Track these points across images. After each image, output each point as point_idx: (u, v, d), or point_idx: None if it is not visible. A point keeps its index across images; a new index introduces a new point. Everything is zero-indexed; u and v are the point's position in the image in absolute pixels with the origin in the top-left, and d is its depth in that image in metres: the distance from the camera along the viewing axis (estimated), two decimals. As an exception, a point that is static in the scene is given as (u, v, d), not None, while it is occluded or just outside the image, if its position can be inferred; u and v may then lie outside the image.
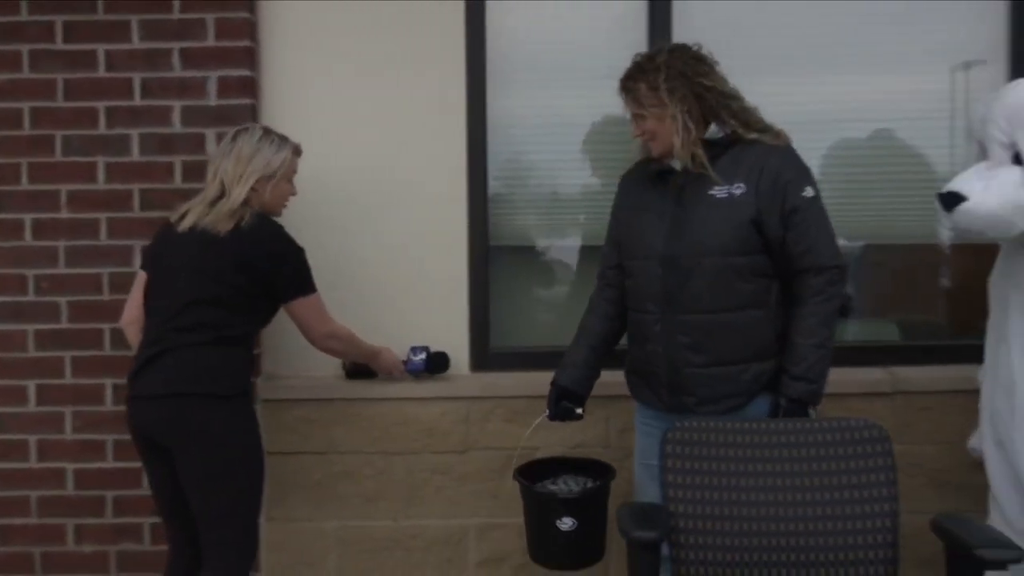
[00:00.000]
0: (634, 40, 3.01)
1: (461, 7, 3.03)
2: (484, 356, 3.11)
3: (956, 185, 2.38)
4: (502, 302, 3.17)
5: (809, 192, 2.35)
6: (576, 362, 2.58)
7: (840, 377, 2.99)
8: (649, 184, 2.48)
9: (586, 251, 3.18)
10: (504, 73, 3.09)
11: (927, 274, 3.30)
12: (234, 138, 2.58)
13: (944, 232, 2.45)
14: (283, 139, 2.62)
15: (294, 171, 2.64)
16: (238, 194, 2.51)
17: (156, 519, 2.78)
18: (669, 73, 2.37)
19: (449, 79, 3.02)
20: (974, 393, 2.67)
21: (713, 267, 2.34)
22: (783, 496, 2.18)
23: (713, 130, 2.42)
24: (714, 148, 2.38)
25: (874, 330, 3.29)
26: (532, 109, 3.12)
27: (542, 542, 2.49)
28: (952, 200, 2.35)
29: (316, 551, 3.03)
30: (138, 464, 2.65)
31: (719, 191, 2.35)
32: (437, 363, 3.01)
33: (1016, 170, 2.32)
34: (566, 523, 2.42)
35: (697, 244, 2.35)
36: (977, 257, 2.90)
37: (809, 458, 2.21)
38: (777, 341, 2.37)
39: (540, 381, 2.63)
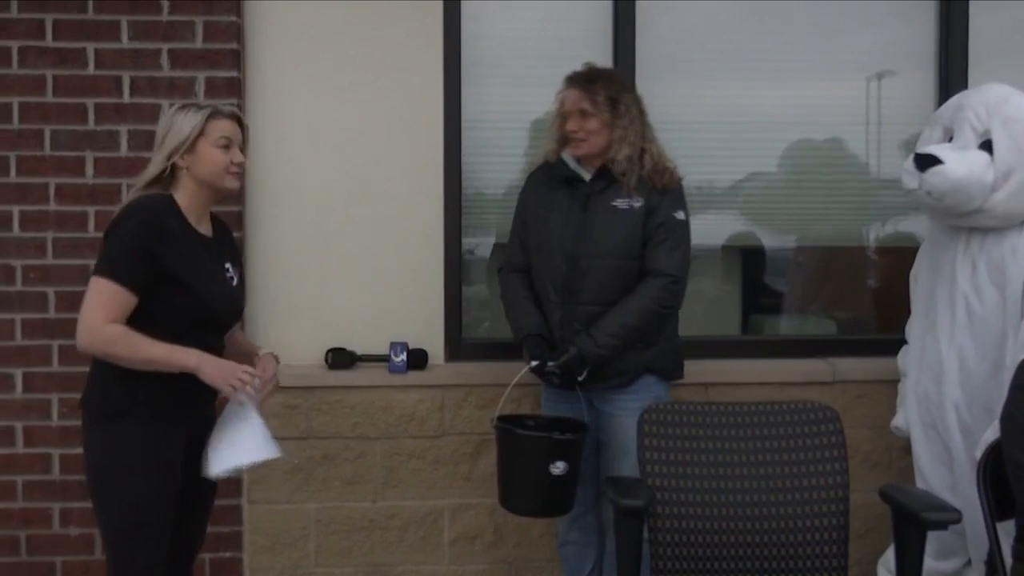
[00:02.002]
0: (600, 42, 3.26)
1: (439, 9, 3.20)
2: (458, 347, 3.30)
3: (933, 150, 2.70)
4: (475, 295, 3.36)
5: (680, 215, 2.74)
6: (529, 311, 2.81)
7: (785, 367, 3.31)
8: (555, 187, 2.81)
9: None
10: (479, 73, 3.28)
11: (857, 274, 3.61)
12: (159, 123, 2.38)
13: (909, 182, 2.75)
14: (203, 107, 2.34)
15: (222, 135, 2.31)
16: (148, 173, 2.32)
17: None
18: (630, 96, 2.78)
19: (426, 79, 3.19)
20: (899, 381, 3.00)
21: (608, 267, 2.71)
22: (748, 471, 2.42)
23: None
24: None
25: (812, 325, 3.58)
26: (505, 108, 3.32)
27: (527, 489, 2.62)
28: (928, 161, 2.66)
29: (296, 532, 3.17)
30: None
31: (622, 203, 2.72)
32: (416, 360, 3.18)
33: (984, 155, 2.64)
34: (559, 467, 2.55)
35: (598, 246, 2.71)
36: (899, 259, 3.22)
37: (771, 436, 2.46)
38: (659, 331, 2.75)
39: (511, 370, 2.80)
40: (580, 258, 2.73)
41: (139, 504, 2.24)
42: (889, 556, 2.95)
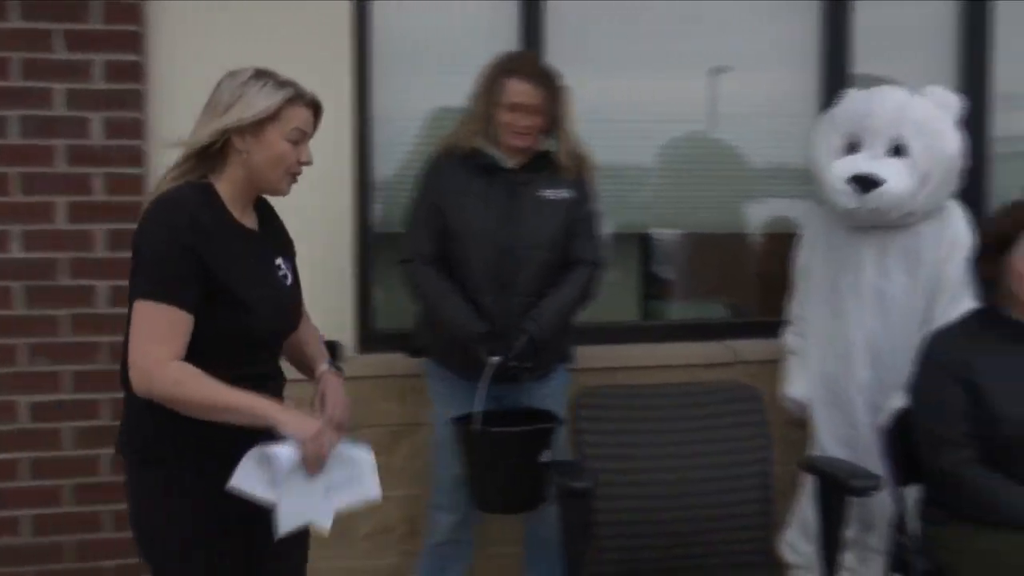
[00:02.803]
0: (507, 37, 3.29)
1: (347, 6, 3.16)
2: (370, 337, 3.27)
3: (869, 169, 2.86)
4: (385, 286, 3.34)
5: (597, 204, 2.86)
6: (464, 306, 2.72)
7: (686, 350, 3.45)
8: (471, 174, 2.77)
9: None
10: (388, 66, 3.26)
11: (741, 259, 3.79)
12: (218, 86, 1.99)
13: (847, 203, 2.90)
14: (283, 84, 1.96)
15: (297, 127, 1.97)
16: (194, 140, 1.91)
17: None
18: (567, 89, 2.81)
19: (336, 71, 3.14)
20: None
21: (543, 258, 2.74)
22: (680, 450, 2.55)
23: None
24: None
25: (706, 309, 3.75)
26: (414, 101, 3.31)
27: (520, 486, 2.57)
28: (870, 183, 2.80)
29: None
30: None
31: (551, 193, 2.75)
32: (333, 352, 3.12)
33: (899, 161, 2.82)
34: (547, 456, 2.51)
35: (531, 237, 2.73)
36: (779, 243, 3.41)
37: (698, 416, 2.59)
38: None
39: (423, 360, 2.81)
40: (515, 249, 2.72)
41: (182, 561, 1.89)
42: (794, 533, 3.10)
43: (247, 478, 1.83)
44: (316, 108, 2.02)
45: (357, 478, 1.99)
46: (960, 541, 2.38)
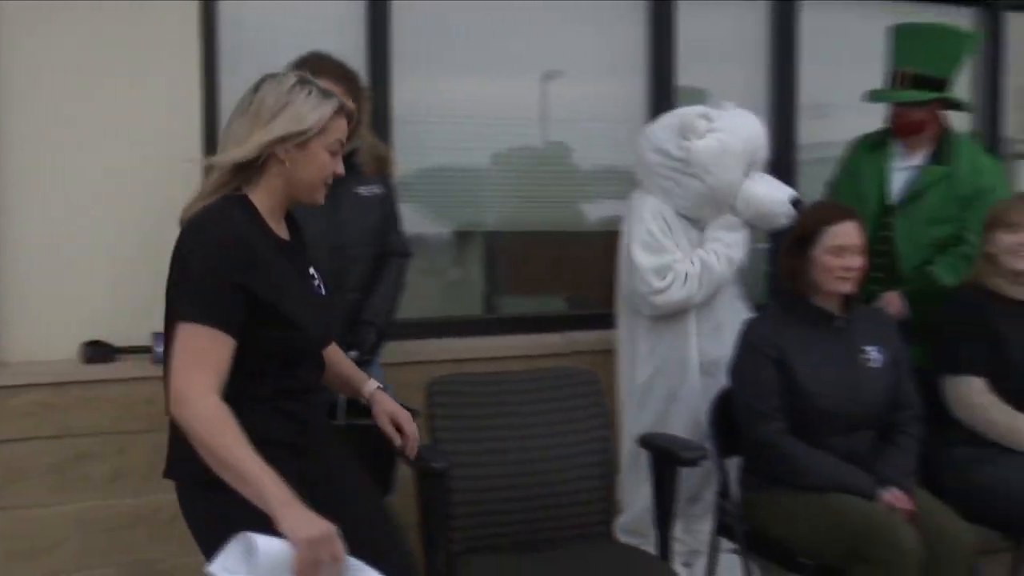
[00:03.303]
0: (354, 37, 3.40)
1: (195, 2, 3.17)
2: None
3: (791, 191, 3.21)
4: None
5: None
6: None
7: (527, 341, 3.64)
8: None
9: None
10: (235, 65, 3.27)
11: (576, 255, 4.01)
12: (256, 89, 1.93)
13: (786, 221, 3.16)
14: (327, 93, 1.93)
15: (338, 138, 1.94)
16: (237, 154, 1.84)
17: None
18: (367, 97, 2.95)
19: (184, 71, 3.15)
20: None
21: (368, 254, 2.89)
22: (526, 431, 2.70)
23: None
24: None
25: (542, 303, 3.95)
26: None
27: (380, 474, 2.64)
28: (799, 202, 3.16)
29: (54, 535, 3.02)
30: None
31: (364, 190, 2.89)
32: None
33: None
34: None
35: (358, 235, 2.86)
36: (606, 241, 3.62)
37: (543, 399, 2.76)
38: None
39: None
40: (345, 247, 2.82)
41: None
42: (629, 518, 3.29)
43: (227, 566, 1.65)
44: (350, 117, 2.00)
45: None
46: (774, 504, 2.66)
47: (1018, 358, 2.88)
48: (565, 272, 3.99)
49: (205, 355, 1.74)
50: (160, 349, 3.05)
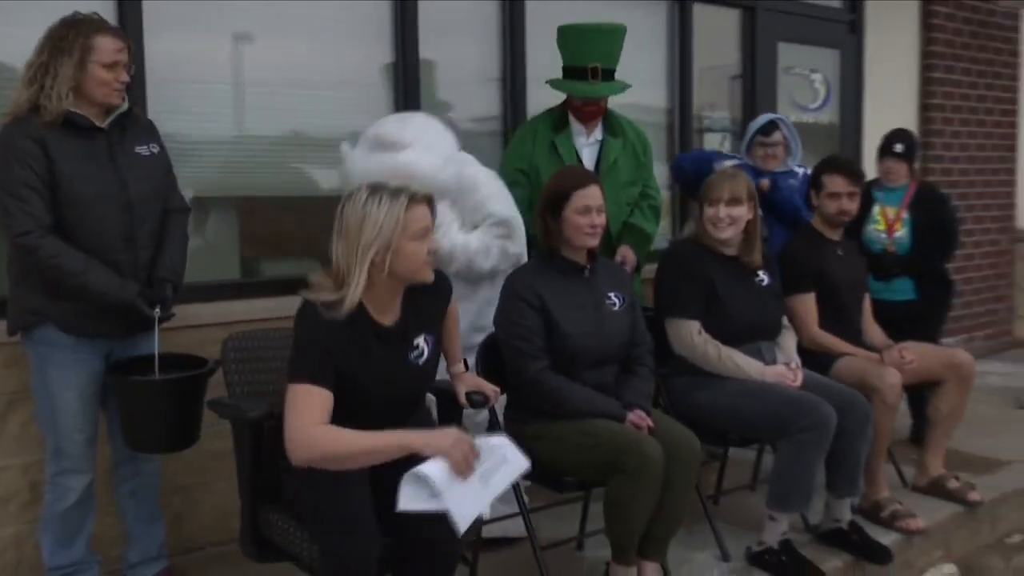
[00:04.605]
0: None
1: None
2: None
3: None
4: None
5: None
6: (105, 269, 2.80)
7: (285, 304, 3.70)
8: (74, 137, 2.80)
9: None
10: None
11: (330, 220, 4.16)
12: (341, 211, 2.28)
13: None
14: (395, 192, 2.26)
15: (420, 223, 2.26)
16: (357, 284, 2.24)
17: None
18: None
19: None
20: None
21: (157, 210, 2.99)
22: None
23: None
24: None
25: (297, 265, 4.07)
26: None
27: (186, 425, 2.85)
28: None
29: None
30: None
31: (143, 149, 2.97)
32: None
33: None
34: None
35: (147, 193, 2.94)
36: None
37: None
38: None
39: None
40: (134, 205, 2.88)
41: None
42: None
43: (411, 499, 2.16)
44: (430, 200, 2.29)
45: (503, 459, 2.33)
46: (539, 434, 3.02)
47: (728, 303, 3.44)
48: (318, 235, 4.11)
49: (306, 407, 2.22)
50: None
